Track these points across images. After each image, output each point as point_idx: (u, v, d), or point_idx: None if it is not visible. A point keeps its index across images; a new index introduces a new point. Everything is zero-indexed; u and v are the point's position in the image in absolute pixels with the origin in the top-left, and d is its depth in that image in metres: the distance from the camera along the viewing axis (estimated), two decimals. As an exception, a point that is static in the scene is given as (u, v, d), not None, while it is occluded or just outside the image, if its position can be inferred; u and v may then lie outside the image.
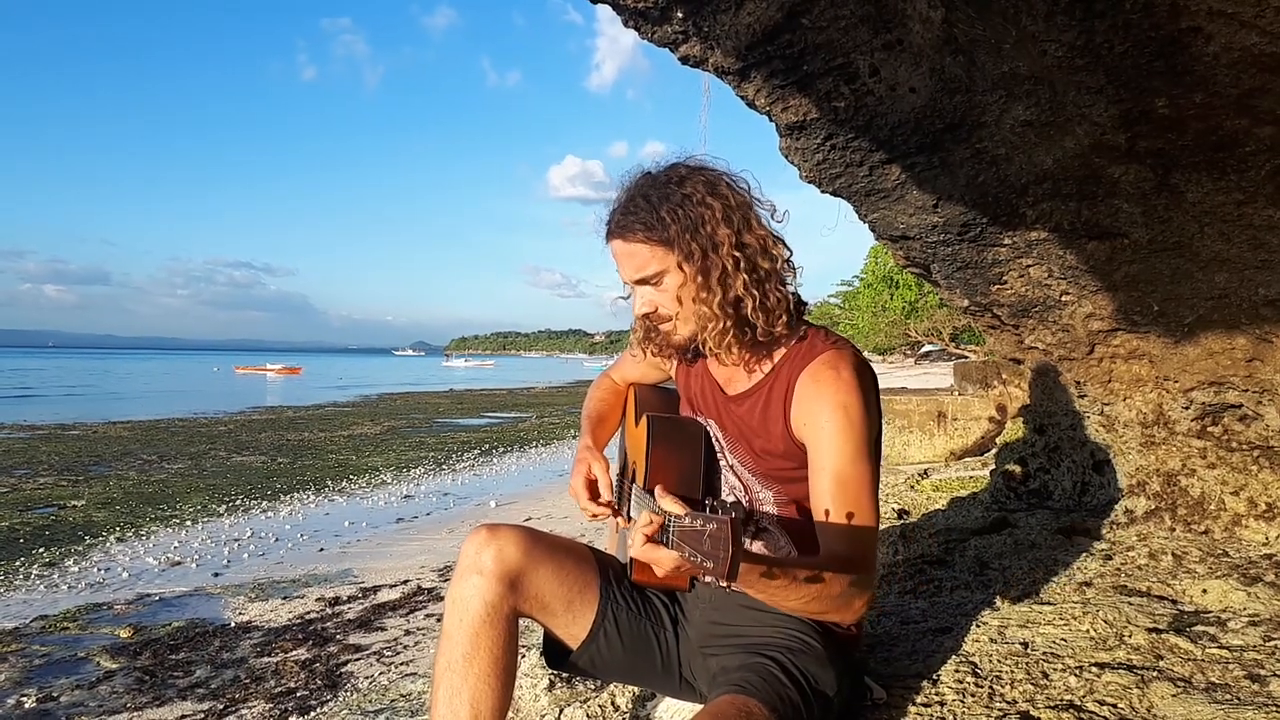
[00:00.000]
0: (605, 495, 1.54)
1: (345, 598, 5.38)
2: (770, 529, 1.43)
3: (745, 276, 1.36)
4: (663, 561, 1.03)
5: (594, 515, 1.53)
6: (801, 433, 1.34)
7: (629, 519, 1.48)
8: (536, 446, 15.07)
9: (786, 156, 2.13)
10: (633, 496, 1.45)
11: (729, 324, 1.36)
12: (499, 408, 25.63)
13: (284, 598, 5.46)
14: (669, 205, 1.36)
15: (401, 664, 4.08)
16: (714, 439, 1.50)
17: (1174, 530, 2.50)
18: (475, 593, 1.34)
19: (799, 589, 1.15)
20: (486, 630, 1.33)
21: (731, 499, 1.47)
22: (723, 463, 1.48)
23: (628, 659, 1.47)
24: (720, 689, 1.28)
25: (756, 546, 1.45)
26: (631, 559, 1.41)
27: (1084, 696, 1.44)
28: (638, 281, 1.39)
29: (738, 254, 1.36)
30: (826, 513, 1.27)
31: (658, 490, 1.07)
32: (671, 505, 1.02)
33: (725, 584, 0.94)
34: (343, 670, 4.03)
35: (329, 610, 5.14)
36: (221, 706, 3.69)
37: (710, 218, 1.36)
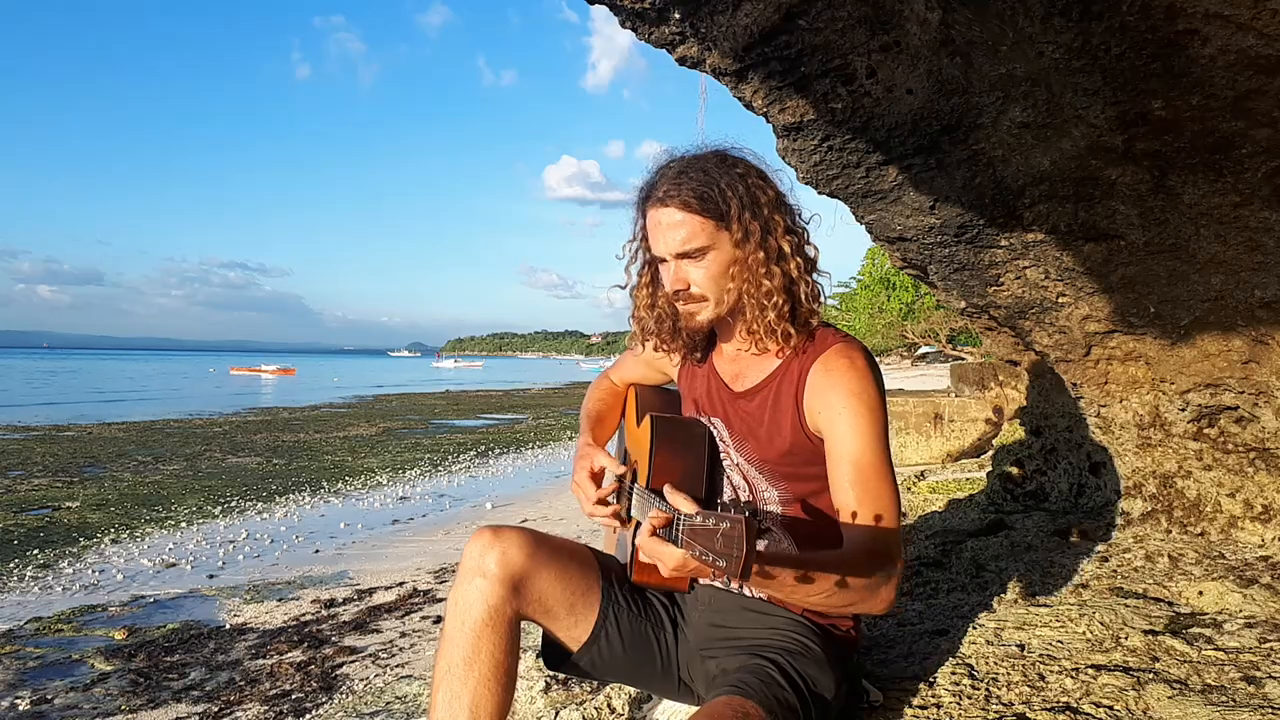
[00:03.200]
0: (614, 474, 1.50)
1: (341, 600, 5.37)
2: (772, 529, 1.43)
3: (799, 260, 1.38)
4: (668, 558, 1.02)
5: (594, 509, 1.49)
6: (817, 422, 1.34)
7: (629, 519, 1.47)
8: (533, 448, 15.05)
9: (783, 158, 2.13)
10: (634, 496, 1.44)
11: (786, 308, 1.36)
12: (495, 409, 25.61)
13: (279, 599, 5.44)
14: (728, 179, 1.35)
15: (397, 666, 4.06)
16: (719, 438, 1.48)
17: (1170, 532, 2.50)
18: (478, 595, 1.33)
19: (822, 583, 1.12)
20: (488, 633, 1.32)
21: (732, 498, 1.47)
22: (727, 462, 1.47)
23: (628, 660, 1.46)
24: (718, 690, 1.27)
25: (759, 547, 1.45)
26: (632, 559, 1.40)
27: (1080, 699, 1.44)
28: (679, 255, 1.36)
29: (792, 238, 1.38)
30: (848, 500, 1.26)
31: (667, 488, 1.06)
32: (683, 503, 1.02)
33: (736, 583, 0.94)
34: (338, 672, 4.02)
35: (324, 612, 5.12)
36: (216, 709, 3.67)
37: (766, 200, 1.37)
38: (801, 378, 1.36)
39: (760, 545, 1.41)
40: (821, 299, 1.42)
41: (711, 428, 1.49)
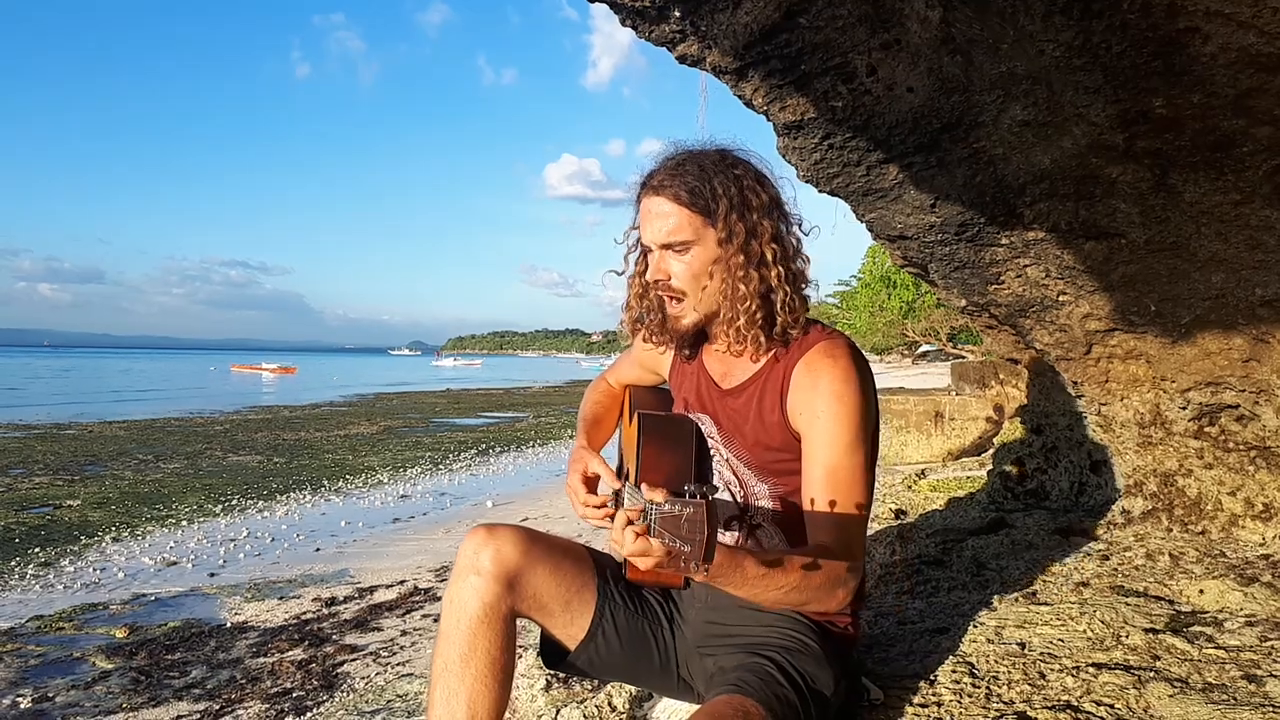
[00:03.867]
0: (609, 485, 1.50)
1: (341, 598, 5.38)
2: (765, 525, 1.43)
3: (781, 269, 1.37)
4: (651, 551, 1.01)
5: (586, 511, 1.48)
6: (797, 422, 1.34)
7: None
8: (533, 446, 15.06)
9: (784, 156, 2.13)
10: (626, 495, 1.44)
11: (759, 314, 1.36)
12: (496, 407, 25.61)
13: (280, 598, 5.45)
14: (722, 178, 1.35)
15: (398, 664, 4.07)
16: (708, 435, 1.49)
17: (1171, 530, 2.50)
18: (473, 593, 1.34)
19: (777, 579, 1.13)
20: (484, 631, 1.33)
21: (726, 495, 1.47)
22: (717, 458, 1.47)
23: (625, 658, 1.46)
24: (717, 689, 1.27)
25: (751, 543, 1.45)
26: (626, 557, 1.40)
27: (1081, 697, 1.44)
28: (663, 245, 1.37)
29: (776, 247, 1.37)
30: (814, 502, 1.27)
31: (644, 485, 1.07)
32: (651, 492, 1.01)
33: (702, 567, 0.93)
34: (339, 671, 4.02)
35: (325, 610, 5.13)
36: (217, 707, 3.68)
37: (758, 204, 1.37)
38: (786, 376, 1.37)
39: (728, 536, 1.39)
40: (804, 311, 1.41)
41: (700, 425, 1.49)
